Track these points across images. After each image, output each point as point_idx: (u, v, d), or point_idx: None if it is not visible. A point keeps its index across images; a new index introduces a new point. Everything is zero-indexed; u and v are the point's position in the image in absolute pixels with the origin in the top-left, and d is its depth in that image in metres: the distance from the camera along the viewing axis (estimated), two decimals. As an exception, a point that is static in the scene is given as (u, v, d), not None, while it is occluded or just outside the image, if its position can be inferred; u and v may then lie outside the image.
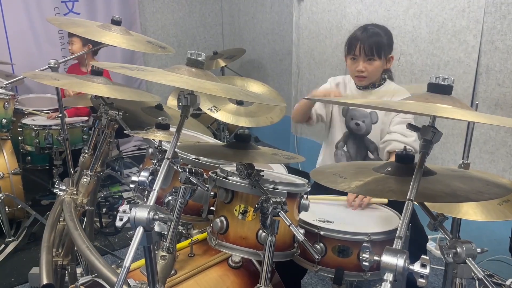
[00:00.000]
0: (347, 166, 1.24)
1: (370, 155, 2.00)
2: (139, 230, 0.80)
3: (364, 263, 0.76)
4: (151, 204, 0.84)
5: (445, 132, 2.72)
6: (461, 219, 1.43)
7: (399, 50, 2.87)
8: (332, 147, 2.11)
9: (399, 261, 0.68)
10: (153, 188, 0.90)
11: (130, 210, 0.82)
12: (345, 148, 2.06)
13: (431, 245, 2.74)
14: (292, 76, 4.05)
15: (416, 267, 0.69)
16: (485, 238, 2.28)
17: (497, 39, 2.36)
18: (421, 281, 0.69)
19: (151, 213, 0.80)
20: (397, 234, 0.73)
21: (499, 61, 2.37)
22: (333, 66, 3.54)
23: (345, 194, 1.89)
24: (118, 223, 0.82)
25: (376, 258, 0.72)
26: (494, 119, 0.79)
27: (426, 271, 0.68)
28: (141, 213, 0.80)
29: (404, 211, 0.75)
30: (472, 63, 2.49)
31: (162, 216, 0.82)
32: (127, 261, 0.76)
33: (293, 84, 4.05)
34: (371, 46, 1.86)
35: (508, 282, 2.31)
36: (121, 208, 0.83)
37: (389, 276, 0.68)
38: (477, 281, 2.36)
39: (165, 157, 0.97)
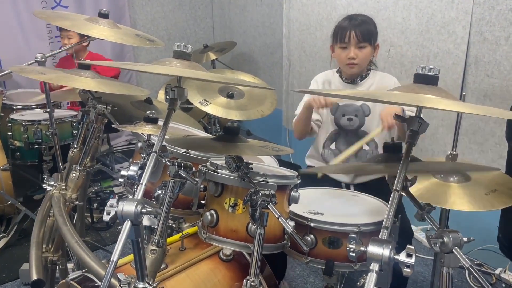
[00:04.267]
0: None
1: (366, 147, 1.99)
2: (127, 224, 0.80)
3: (350, 253, 0.76)
4: (139, 198, 0.84)
5: (434, 123, 2.73)
6: (449, 209, 1.44)
7: (389, 41, 2.88)
8: (318, 148, 2.11)
9: (385, 251, 0.68)
10: (141, 182, 0.90)
11: (118, 204, 0.82)
12: (332, 146, 2.05)
13: (421, 235, 2.77)
14: (283, 69, 4.04)
15: (402, 257, 0.70)
16: (474, 228, 2.30)
17: (486, 30, 2.37)
18: (407, 270, 0.70)
19: (139, 207, 0.80)
20: (383, 225, 0.73)
21: (488, 52, 2.38)
22: (323, 59, 3.53)
23: (336, 186, 1.90)
24: (106, 217, 0.82)
25: (362, 248, 0.73)
26: (480, 109, 0.79)
27: (412, 260, 0.69)
28: (129, 207, 0.80)
29: (390, 201, 0.76)
30: (461, 54, 2.50)
31: (150, 209, 0.82)
32: (114, 255, 0.76)
33: (284, 77, 4.04)
34: (362, 32, 1.88)
35: (497, 271, 2.36)
36: (108, 203, 0.82)
37: (375, 266, 0.69)
38: (467, 270, 2.39)
39: (153, 150, 0.97)
